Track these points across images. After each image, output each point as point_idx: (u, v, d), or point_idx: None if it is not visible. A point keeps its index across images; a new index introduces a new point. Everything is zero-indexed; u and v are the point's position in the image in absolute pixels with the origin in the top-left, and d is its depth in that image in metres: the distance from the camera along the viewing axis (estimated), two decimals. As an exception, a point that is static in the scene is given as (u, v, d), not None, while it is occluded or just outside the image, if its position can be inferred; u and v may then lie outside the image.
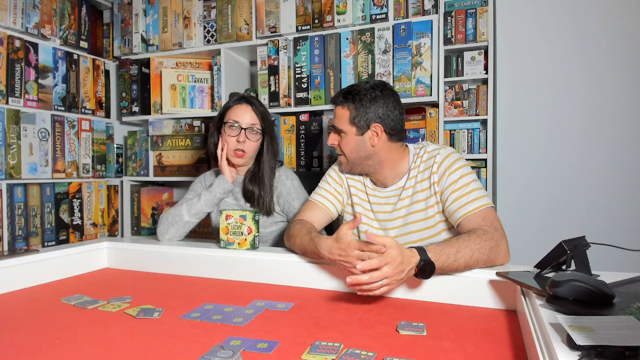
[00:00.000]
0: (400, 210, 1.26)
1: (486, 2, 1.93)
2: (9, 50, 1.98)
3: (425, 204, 1.22)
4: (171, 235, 1.46)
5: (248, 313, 0.89)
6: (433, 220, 1.22)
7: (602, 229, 1.99)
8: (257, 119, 1.48)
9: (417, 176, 1.24)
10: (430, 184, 1.21)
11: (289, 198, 1.51)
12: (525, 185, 2.13)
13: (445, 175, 1.18)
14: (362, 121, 1.22)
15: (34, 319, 0.87)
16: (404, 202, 1.26)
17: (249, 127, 1.46)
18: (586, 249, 0.88)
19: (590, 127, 2.03)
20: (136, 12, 2.43)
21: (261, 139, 1.51)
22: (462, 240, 0.99)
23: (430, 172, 1.21)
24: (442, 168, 1.20)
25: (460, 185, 1.15)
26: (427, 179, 1.22)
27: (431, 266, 0.92)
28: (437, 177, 1.20)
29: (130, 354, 0.71)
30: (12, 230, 1.98)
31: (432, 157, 1.23)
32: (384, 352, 0.69)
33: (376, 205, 1.31)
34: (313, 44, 2.10)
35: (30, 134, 2.06)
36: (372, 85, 1.24)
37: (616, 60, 1.99)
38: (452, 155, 1.21)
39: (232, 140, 1.46)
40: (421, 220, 1.23)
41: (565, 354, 0.53)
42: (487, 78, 1.93)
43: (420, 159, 1.25)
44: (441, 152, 1.22)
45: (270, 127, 1.52)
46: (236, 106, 1.49)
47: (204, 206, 1.47)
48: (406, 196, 1.25)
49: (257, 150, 1.52)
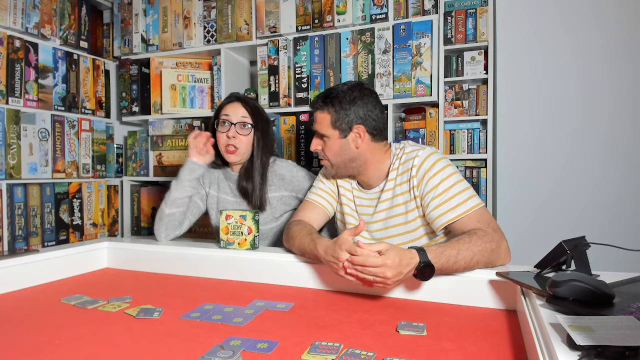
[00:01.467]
0: (380, 213, 1.25)
1: (486, 2, 1.93)
2: (9, 50, 1.98)
3: (406, 208, 1.20)
4: (164, 232, 1.45)
5: (248, 313, 0.89)
6: (414, 224, 1.20)
7: (602, 229, 1.99)
8: (247, 113, 1.49)
9: (397, 179, 1.22)
10: (410, 187, 1.18)
11: (295, 174, 1.53)
12: (525, 185, 2.13)
13: (424, 180, 1.15)
14: (343, 124, 1.20)
15: (34, 319, 0.87)
16: (383, 205, 1.24)
17: (240, 122, 1.47)
18: (586, 249, 0.88)
19: (590, 127, 2.03)
20: (136, 12, 2.43)
21: (253, 135, 1.51)
22: (464, 241, 0.98)
23: (409, 175, 1.18)
24: (421, 172, 1.16)
25: (440, 190, 1.12)
26: (407, 182, 1.19)
27: (431, 269, 0.92)
28: (416, 181, 1.17)
29: (130, 354, 0.71)
30: (12, 230, 1.98)
31: (411, 159, 1.19)
32: (384, 352, 0.69)
33: (360, 207, 1.30)
34: (313, 44, 2.10)
35: (30, 134, 2.06)
36: (349, 87, 1.22)
37: (615, 60, 1.99)
38: (430, 157, 1.17)
39: (223, 136, 1.47)
40: (401, 225, 1.21)
41: (565, 354, 0.53)
42: (487, 78, 1.93)
43: (399, 161, 1.23)
44: (420, 154, 1.19)
45: (262, 123, 1.51)
46: (228, 104, 1.51)
47: (174, 192, 1.46)
48: (386, 199, 1.24)
49: (251, 146, 1.51)
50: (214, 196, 1.60)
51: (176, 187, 1.47)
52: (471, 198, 1.10)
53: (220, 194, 1.59)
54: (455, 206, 1.10)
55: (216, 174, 1.61)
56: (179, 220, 1.48)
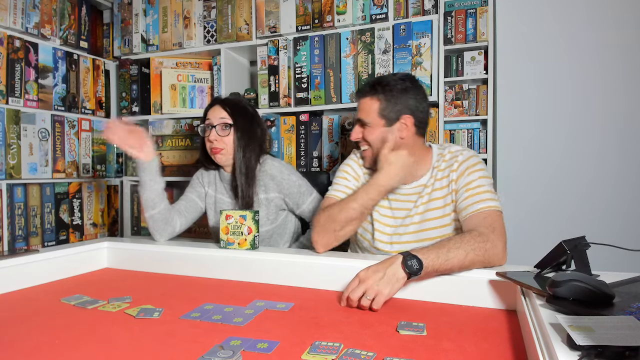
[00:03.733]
0: (419, 207, 1.25)
1: (486, 2, 1.93)
2: (9, 50, 1.98)
3: (444, 202, 1.22)
4: (155, 233, 1.43)
5: (248, 313, 0.89)
6: (448, 219, 1.22)
7: (602, 228, 1.98)
8: (226, 114, 1.48)
9: (438, 174, 1.24)
10: (449, 181, 1.21)
11: (283, 175, 1.50)
12: (525, 185, 2.13)
13: (464, 174, 1.18)
14: (392, 113, 1.19)
15: (34, 319, 0.87)
16: (423, 200, 1.25)
17: (220, 124, 1.47)
18: (586, 248, 0.88)
19: (590, 126, 2.03)
20: (136, 12, 2.43)
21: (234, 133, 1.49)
22: (454, 241, 0.98)
23: (450, 170, 1.21)
24: (463, 167, 1.19)
25: (474, 185, 1.15)
26: (447, 177, 1.22)
27: (417, 259, 0.91)
28: (455, 175, 1.20)
29: (130, 354, 0.71)
30: (12, 230, 1.98)
31: (455, 156, 1.23)
32: (384, 352, 0.69)
33: (395, 202, 1.29)
34: (313, 44, 2.10)
35: (30, 134, 2.06)
36: (401, 77, 1.22)
37: (616, 59, 1.99)
38: (473, 157, 1.22)
39: (207, 140, 1.49)
40: (438, 218, 1.22)
41: (565, 354, 0.53)
42: (487, 78, 1.93)
43: (443, 158, 1.25)
44: (464, 153, 1.23)
45: (243, 121, 1.49)
46: (210, 109, 1.52)
47: (142, 195, 1.42)
48: (426, 194, 1.25)
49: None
50: (212, 196, 1.61)
51: (142, 191, 1.42)
52: (495, 200, 1.14)
53: (217, 194, 1.60)
54: (481, 200, 1.12)
55: (213, 174, 1.62)
56: (163, 219, 1.43)
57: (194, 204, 1.58)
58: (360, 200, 1.17)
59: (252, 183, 1.49)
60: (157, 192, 1.43)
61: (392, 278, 0.91)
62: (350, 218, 1.18)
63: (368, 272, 0.93)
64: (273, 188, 1.51)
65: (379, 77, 1.25)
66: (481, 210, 1.11)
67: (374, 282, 0.90)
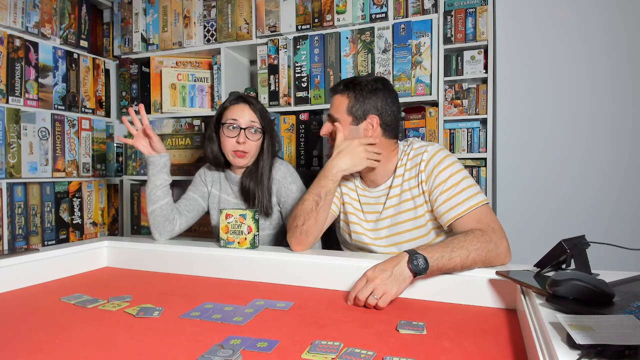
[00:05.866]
0: (389, 210, 1.25)
1: (486, 2, 1.93)
2: (9, 49, 1.97)
3: (414, 203, 1.21)
4: (155, 231, 1.40)
5: (248, 312, 0.89)
6: (423, 220, 1.20)
7: (602, 227, 1.99)
8: (256, 117, 1.45)
9: (405, 174, 1.23)
10: (418, 182, 1.19)
11: (285, 182, 1.47)
12: (525, 184, 2.13)
13: (433, 174, 1.16)
14: (359, 111, 1.21)
15: (34, 318, 0.87)
16: (392, 202, 1.24)
17: (249, 127, 1.43)
18: (586, 248, 0.88)
19: (590, 126, 2.03)
20: (136, 11, 2.43)
21: (262, 138, 1.48)
22: (458, 240, 0.98)
23: (418, 170, 1.19)
24: (430, 166, 1.17)
25: (449, 185, 1.13)
26: (415, 177, 1.20)
27: (423, 258, 0.92)
28: (424, 176, 1.18)
29: (130, 353, 0.71)
30: (12, 229, 1.98)
31: (419, 154, 1.21)
32: (383, 351, 0.69)
33: (366, 205, 1.30)
34: (313, 43, 2.10)
35: (30, 133, 2.06)
36: (373, 79, 1.24)
37: (616, 58, 1.99)
38: (439, 153, 1.19)
39: (232, 142, 1.43)
40: (410, 220, 1.21)
41: (565, 353, 0.53)
42: (486, 77, 1.93)
43: (407, 157, 1.24)
44: (428, 149, 1.20)
45: (270, 126, 1.49)
46: (233, 106, 1.46)
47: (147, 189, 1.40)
48: (394, 195, 1.24)
49: (259, 149, 1.48)
50: (216, 195, 1.59)
51: (148, 185, 1.40)
52: (477, 194, 1.12)
53: (221, 193, 1.58)
54: (462, 201, 1.11)
55: (217, 173, 1.59)
56: (165, 216, 1.40)
57: (196, 203, 1.55)
58: (312, 189, 1.20)
59: (271, 192, 1.47)
60: (159, 188, 1.39)
61: (400, 277, 0.92)
62: (308, 209, 1.19)
63: (375, 271, 0.93)
64: (274, 191, 1.50)
65: (354, 77, 1.27)
66: (468, 211, 1.09)
67: (382, 281, 0.91)
